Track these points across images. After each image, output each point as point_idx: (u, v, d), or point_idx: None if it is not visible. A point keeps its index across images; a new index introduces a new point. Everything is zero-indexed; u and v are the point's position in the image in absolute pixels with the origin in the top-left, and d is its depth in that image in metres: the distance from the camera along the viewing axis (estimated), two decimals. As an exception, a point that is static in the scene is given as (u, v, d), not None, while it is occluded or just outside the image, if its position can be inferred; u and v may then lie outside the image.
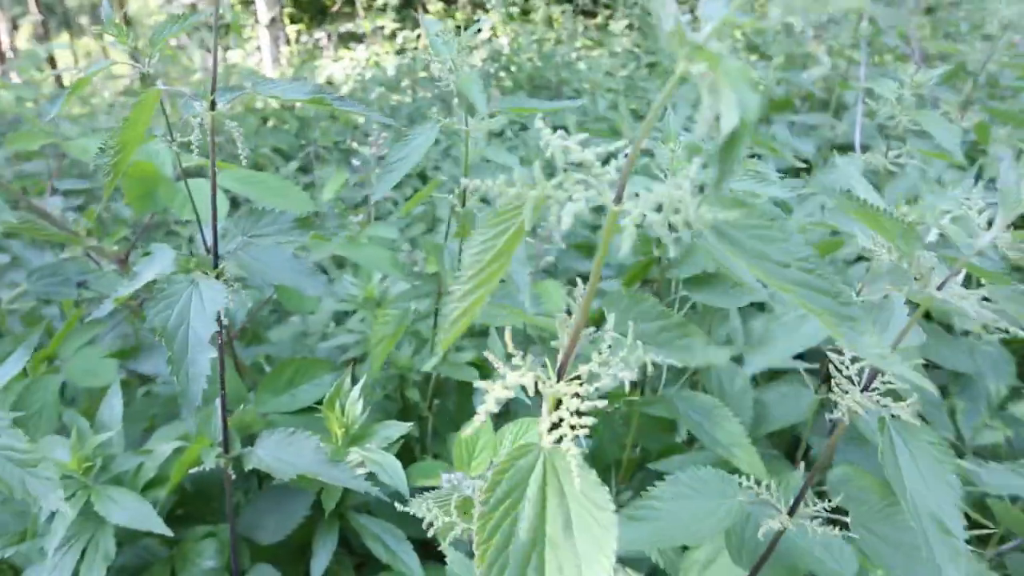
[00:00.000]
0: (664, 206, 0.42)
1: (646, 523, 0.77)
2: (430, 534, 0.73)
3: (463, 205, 1.33)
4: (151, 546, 1.09)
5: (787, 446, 1.53)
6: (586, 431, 0.51)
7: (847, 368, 0.68)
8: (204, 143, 0.91)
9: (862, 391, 0.67)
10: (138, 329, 1.32)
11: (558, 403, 0.52)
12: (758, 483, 0.85)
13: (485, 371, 1.38)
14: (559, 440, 0.50)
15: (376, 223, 1.97)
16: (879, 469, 1.23)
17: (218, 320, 0.86)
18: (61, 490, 0.77)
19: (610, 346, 0.54)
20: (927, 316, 1.36)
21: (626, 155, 0.46)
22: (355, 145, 1.94)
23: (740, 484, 0.84)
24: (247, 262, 0.99)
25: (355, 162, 2.03)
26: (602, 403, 0.51)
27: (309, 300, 1.30)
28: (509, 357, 0.54)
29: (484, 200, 1.84)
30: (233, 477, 0.98)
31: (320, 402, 1.19)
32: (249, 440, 1.06)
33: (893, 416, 0.66)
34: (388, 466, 0.98)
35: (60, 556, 0.92)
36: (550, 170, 0.47)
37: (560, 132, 0.47)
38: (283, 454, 0.95)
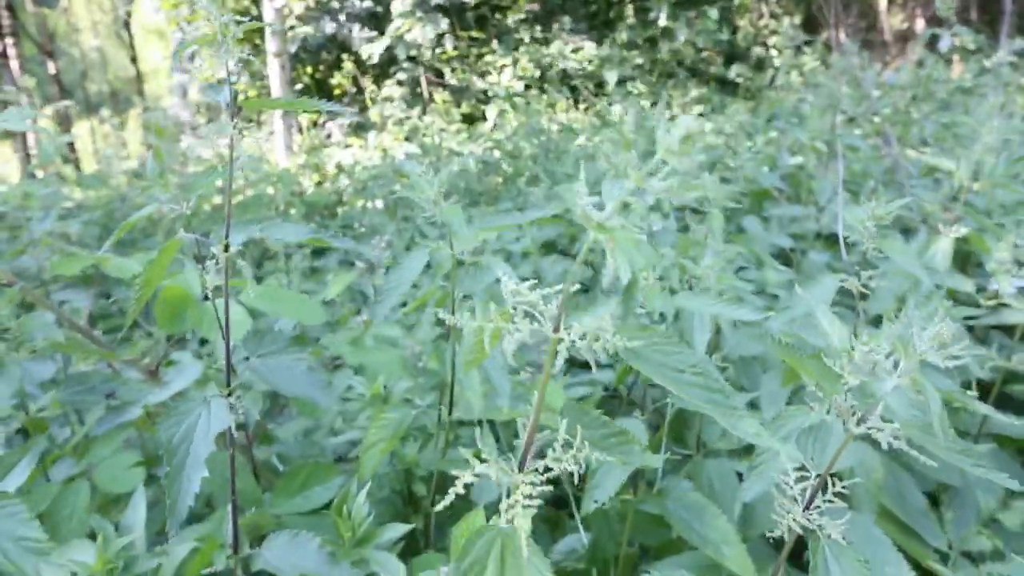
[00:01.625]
0: (588, 335, 0.60)
1: None
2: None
3: (452, 312, 1.42)
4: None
5: (778, 546, 1.57)
6: (533, 511, 0.64)
7: (791, 488, 0.77)
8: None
9: (804, 510, 0.75)
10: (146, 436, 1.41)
11: (515, 490, 0.66)
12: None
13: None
14: (511, 520, 0.63)
15: (380, 323, 2.08)
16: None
17: (230, 429, 0.95)
18: None
19: (563, 445, 0.68)
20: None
21: (559, 296, 0.62)
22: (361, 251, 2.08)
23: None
24: (265, 375, 1.09)
25: (359, 264, 2.16)
26: (549, 488, 0.65)
27: (320, 409, 1.39)
28: (479, 455, 0.69)
29: (471, 309, 1.94)
30: (241, 576, 1.04)
31: (330, 503, 1.26)
32: (259, 541, 1.13)
33: (827, 536, 0.73)
34: (390, 567, 1.05)
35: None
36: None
37: (514, 279, 0.64)
38: (288, 555, 1.02)
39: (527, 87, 8.74)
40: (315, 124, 8.57)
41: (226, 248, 0.93)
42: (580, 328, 0.61)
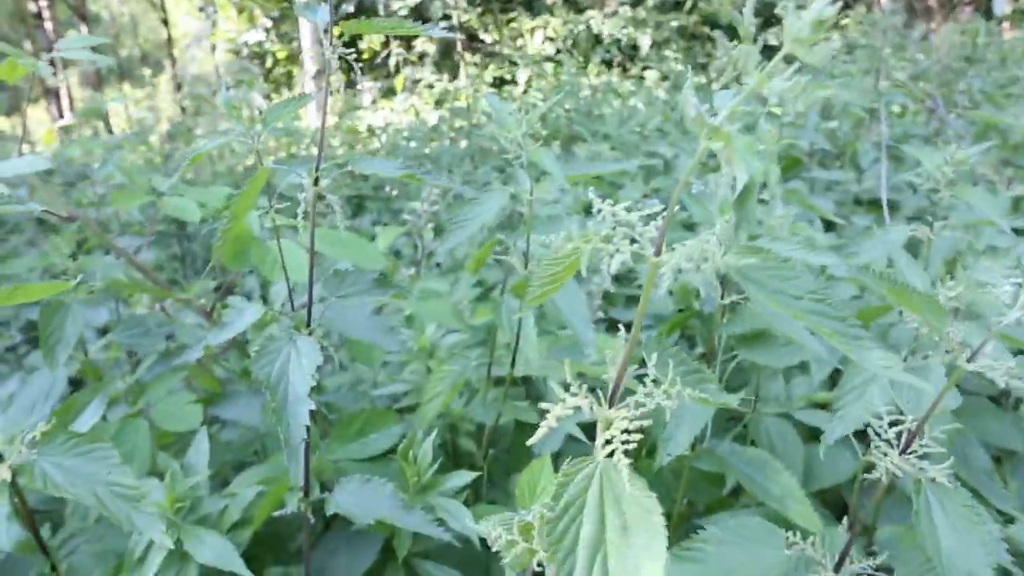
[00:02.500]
0: (695, 257, 0.55)
1: (693, 564, 0.82)
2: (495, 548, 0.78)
3: (526, 266, 1.39)
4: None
5: (834, 506, 1.54)
6: (633, 446, 0.60)
7: (886, 431, 0.73)
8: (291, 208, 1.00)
9: (900, 454, 0.72)
10: (207, 378, 1.41)
11: (608, 426, 0.62)
12: (804, 538, 0.89)
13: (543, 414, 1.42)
14: (611, 455, 0.59)
15: (427, 276, 2.06)
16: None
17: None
18: (163, 524, 0.84)
19: (653, 380, 0.64)
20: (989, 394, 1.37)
21: (663, 217, 0.57)
22: (395, 194, 2.04)
23: (787, 538, 0.88)
24: (331, 319, 1.07)
25: (407, 217, 2.13)
26: (646, 423, 0.62)
27: (377, 353, 1.37)
28: (567, 388, 0.64)
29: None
30: (312, 521, 1.04)
31: (388, 452, 1.25)
32: (321, 486, 1.12)
33: (931, 479, 0.70)
34: (458, 513, 1.04)
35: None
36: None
37: (608, 200, 0.60)
38: (361, 500, 1.00)
39: (557, 51, 8.58)
40: (348, 86, 8.52)
41: (316, 181, 0.90)
42: (685, 250, 0.56)
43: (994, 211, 1.16)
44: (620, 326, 0.69)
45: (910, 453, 0.74)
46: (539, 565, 0.75)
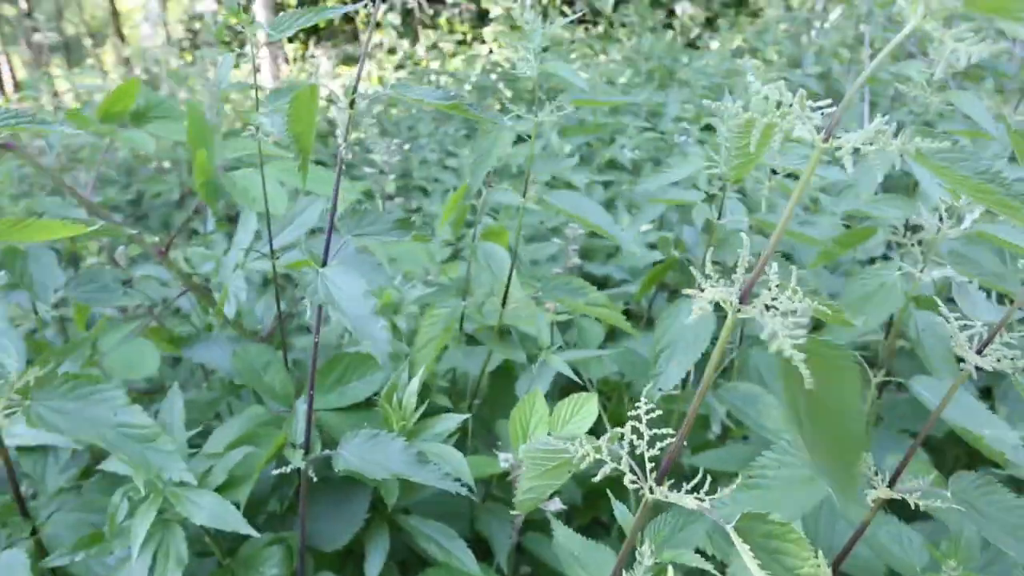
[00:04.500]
0: (873, 140, 0.50)
1: (763, 491, 0.81)
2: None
3: (524, 195, 1.31)
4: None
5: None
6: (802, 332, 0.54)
7: (958, 334, 0.70)
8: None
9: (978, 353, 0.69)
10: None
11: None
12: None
13: (532, 357, 1.37)
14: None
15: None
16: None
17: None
18: (184, 462, 0.78)
19: (778, 285, 0.59)
20: None
21: (834, 109, 0.54)
22: (370, 156, 1.95)
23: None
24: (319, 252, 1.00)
25: (367, 170, 2.04)
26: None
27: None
28: (707, 277, 0.58)
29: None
30: (314, 479, 0.97)
31: (368, 400, 1.19)
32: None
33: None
34: (452, 460, 0.98)
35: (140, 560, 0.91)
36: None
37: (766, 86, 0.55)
38: (371, 455, 0.93)
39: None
40: (303, 56, 8.27)
41: (352, 104, 0.84)
42: (861, 133, 0.52)
43: (987, 120, 1.12)
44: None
45: (986, 355, 0.71)
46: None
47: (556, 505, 1.08)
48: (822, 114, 0.52)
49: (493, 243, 1.42)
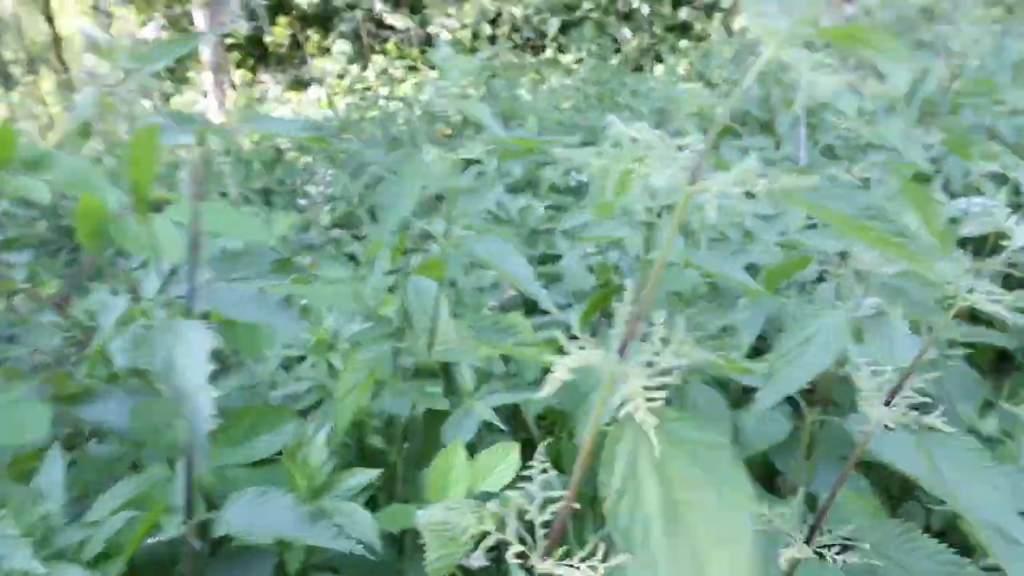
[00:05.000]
0: (743, 182, 0.45)
1: None
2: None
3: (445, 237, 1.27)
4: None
5: (760, 475, 1.49)
6: (660, 403, 0.50)
7: (864, 384, 0.65)
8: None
9: (885, 405, 0.64)
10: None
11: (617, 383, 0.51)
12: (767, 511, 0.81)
13: (456, 403, 1.32)
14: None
15: (326, 264, 1.91)
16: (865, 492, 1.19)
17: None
18: (29, 548, 0.70)
19: (661, 339, 0.54)
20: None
21: (697, 147, 0.49)
22: (305, 187, 1.89)
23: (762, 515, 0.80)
24: (222, 300, 0.92)
25: (301, 202, 1.98)
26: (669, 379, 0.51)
27: (263, 338, 1.22)
28: (574, 339, 0.53)
29: (468, 227, 1.79)
30: (198, 547, 0.89)
31: (282, 453, 1.11)
32: (208, 501, 0.98)
33: (929, 428, 0.63)
34: (357, 517, 0.91)
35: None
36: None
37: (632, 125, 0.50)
38: (257, 517, 0.86)
39: (475, 35, 8.46)
40: (251, 81, 8.16)
41: (202, 139, 0.76)
42: (729, 175, 0.46)
43: (912, 150, 1.11)
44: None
45: (894, 406, 0.66)
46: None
47: (479, 561, 1.02)
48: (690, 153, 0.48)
49: (425, 277, 1.36)
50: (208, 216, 1.04)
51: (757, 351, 1.63)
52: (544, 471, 0.59)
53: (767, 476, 1.51)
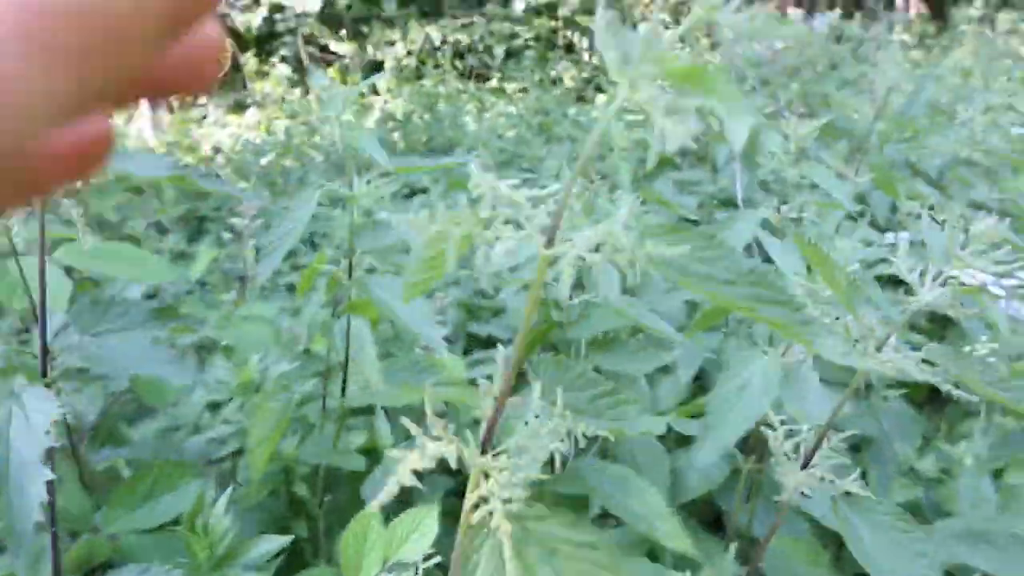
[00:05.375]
0: (607, 246, 0.40)
1: None
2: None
3: (350, 276, 1.22)
4: None
5: (704, 515, 1.46)
6: (518, 507, 0.45)
7: (782, 445, 0.62)
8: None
9: (803, 468, 0.61)
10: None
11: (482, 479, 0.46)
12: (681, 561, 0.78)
13: (377, 457, 1.25)
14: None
15: (252, 301, 1.82)
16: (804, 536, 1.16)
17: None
18: None
19: (537, 416, 0.49)
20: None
21: (557, 200, 0.43)
22: (230, 220, 1.80)
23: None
24: (95, 354, 0.85)
25: (225, 235, 1.89)
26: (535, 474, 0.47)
27: (170, 391, 1.14)
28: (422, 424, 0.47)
29: (371, 270, 1.74)
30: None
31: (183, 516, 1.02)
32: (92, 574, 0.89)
33: (846, 493, 0.59)
34: (261, 593, 0.84)
35: None
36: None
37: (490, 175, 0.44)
38: None
39: (422, 62, 8.45)
40: (190, 104, 7.94)
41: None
42: (587, 237, 0.41)
43: (839, 190, 1.11)
44: (498, 344, 0.53)
45: (812, 467, 0.63)
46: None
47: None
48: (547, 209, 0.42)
49: (356, 316, 1.30)
50: (97, 257, 0.96)
51: (701, 388, 1.61)
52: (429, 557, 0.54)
53: (713, 515, 1.48)
